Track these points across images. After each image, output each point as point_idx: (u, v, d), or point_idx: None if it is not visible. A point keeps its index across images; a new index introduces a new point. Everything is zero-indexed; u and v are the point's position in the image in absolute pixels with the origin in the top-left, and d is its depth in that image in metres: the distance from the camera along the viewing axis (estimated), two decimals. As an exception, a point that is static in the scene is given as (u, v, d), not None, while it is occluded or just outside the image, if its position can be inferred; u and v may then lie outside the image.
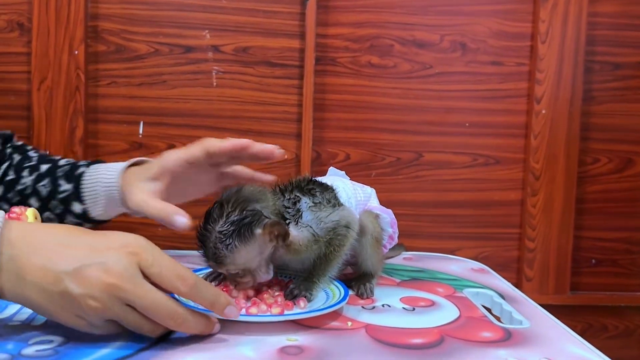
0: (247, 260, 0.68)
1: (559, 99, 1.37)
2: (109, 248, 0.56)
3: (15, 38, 1.28)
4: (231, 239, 0.66)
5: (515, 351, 0.61)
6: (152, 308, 0.56)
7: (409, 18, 1.36)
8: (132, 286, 0.55)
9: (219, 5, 1.32)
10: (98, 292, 0.54)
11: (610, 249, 1.44)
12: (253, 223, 0.66)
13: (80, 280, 0.54)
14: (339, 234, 0.73)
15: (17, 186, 0.93)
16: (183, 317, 0.57)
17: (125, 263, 0.55)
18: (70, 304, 0.54)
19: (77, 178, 0.91)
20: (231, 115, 1.33)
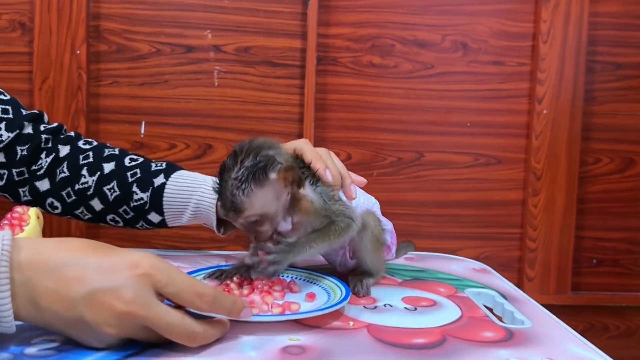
0: (264, 205, 0.68)
1: (560, 99, 1.37)
2: (119, 270, 0.54)
3: (17, 38, 1.29)
4: (247, 184, 0.66)
5: (517, 351, 0.61)
6: (168, 330, 0.56)
7: (410, 18, 1.36)
8: (146, 311, 0.54)
9: (220, 5, 1.32)
10: (113, 320, 0.54)
11: (611, 249, 1.44)
12: (267, 167, 0.67)
13: (93, 307, 0.53)
14: (343, 221, 0.73)
15: (76, 185, 0.89)
16: (200, 335, 0.57)
17: (138, 287, 0.54)
18: (87, 328, 0.54)
19: (157, 190, 0.87)
20: (233, 115, 1.33)
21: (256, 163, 0.67)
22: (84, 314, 0.53)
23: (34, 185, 0.89)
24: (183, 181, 0.88)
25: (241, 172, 0.67)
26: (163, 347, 0.57)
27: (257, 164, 0.67)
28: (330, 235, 0.73)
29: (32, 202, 0.90)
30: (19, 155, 0.88)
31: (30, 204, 0.90)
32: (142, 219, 0.89)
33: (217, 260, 0.88)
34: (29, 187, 0.89)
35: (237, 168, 0.67)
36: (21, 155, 0.88)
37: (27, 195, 0.90)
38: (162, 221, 0.89)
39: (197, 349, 0.58)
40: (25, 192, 0.90)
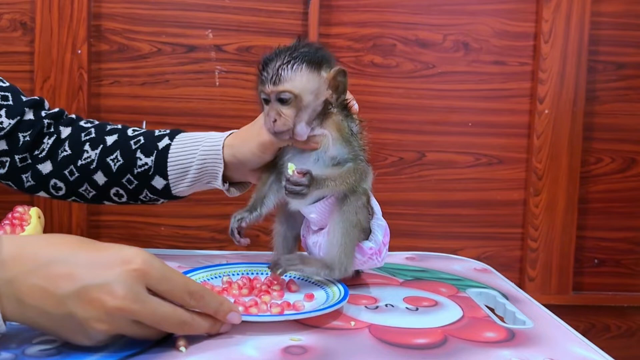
0: (304, 89, 0.68)
1: (561, 99, 1.36)
2: (110, 265, 0.53)
3: (18, 37, 1.29)
4: (300, 62, 0.68)
5: (518, 351, 0.61)
6: (161, 322, 0.55)
7: (411, 18, 1.36)
8: (138, 307, 0.53)
9: (221, 4, 1.32)
10: (104, 316, 0.52)
11: (613, 249, 1.44)
12: (324, 56, 0.69)
13: (84, 303, 0.52)
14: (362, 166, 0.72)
15: (79, 161, 0.87)
16: (190, 323, 0.58)
17: (129, 282, 0.53)
18: (76, 325, 0.53)
19: (161, 152, 0.85)
20: (234, 115, 1.33)
21: (316, 52, 0.69)
22: (73, 311, 0.52)
23: (36, 168, 0.88)
24: (187, 139, 0.86)
25: (300, 51, 0.69)
26: (163, 347, 0.57)
27: (316, 52, 0.69)
28: (349, 176, 0.71)
29: (36, 186, 0.88)
30: (22, 142, 0.87)
31: (34, 189, 0.88)
32: (145, 187, 0.86)
33: (218, 260, 0.88)
34: (32, 172, 0.88)
35: (298, 49, 0.69)
36: (24, 141, 0.87)
37: (30, 180, 0.88)
38: (165, 186, 0.86)
39: (199, 348, 0.58)
40: (28, 177, 0.88)
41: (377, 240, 0.75)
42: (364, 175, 0.73)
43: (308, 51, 0.69)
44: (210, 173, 0.84)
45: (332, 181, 0.70)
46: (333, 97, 0.70)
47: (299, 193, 0.68)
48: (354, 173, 0.71)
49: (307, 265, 0.72)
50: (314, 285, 0.75)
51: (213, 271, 0.78)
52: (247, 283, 0.74)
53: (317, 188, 0.69)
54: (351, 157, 0.72)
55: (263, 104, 0.73)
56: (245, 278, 0.76)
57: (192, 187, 0.86)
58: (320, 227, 0.77)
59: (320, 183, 0.69)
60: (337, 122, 0.72)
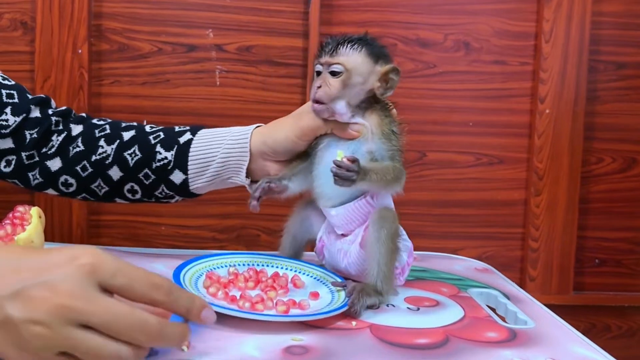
0: (356, 69, 0.72)
1: (562, 99, 1.36)
2: (57, 265, 0.46)
3: (19, 37, 1.28)
4: (360, 46, 0.72)
5: (520, 351, 0.61)
6: (115, 323, 0.46)
7: (412, 17, 1.36)
8: (84, 302, 0.45)
9: (222, 4, 1.32)
10: (43, 315, 0.44)
11: (614, 249, 1.44)
12: (384, 53, 0.74)
13: (21, 303, 0.44)
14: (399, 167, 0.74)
15: (93, 157, 0.85)
16: (157, 328, 0.47)
17: (75, 278, 0.45)
18: (12, 334, 0.45)
19: (182, 147, 0.84)
20: (234, 114, 1.33)
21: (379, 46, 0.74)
22: (9, 313, 0.45)
23: (44, 165, 0.86)
24: (211, 133, 0.85)
25: (363, 39, 0.73)
26: (167, 348, 0.57)
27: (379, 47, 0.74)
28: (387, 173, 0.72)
29: (44, 184, 0.87)
30: (28, 139, 0.86)
31: (42, 186, 0.87)
32: (163, 182, 0.85)
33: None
34: (39, 169, 0.86)
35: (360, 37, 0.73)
36: (31, 138, 0.86)
37: (37, 177, 0.87)
38: (184, 182, 0.84)
39: (200, 348, 0.57)
40: (35, 174, 0.87)
41: (402, 260, 0.77)
42: (400, 175, 0.74)
43: (372, 43, 0.74)
44: (233, 167, 0.83)
45: (375, 174, 0.71)
46: (379, 91, 0.74)
47: (348, 179, 0.69)
48: (392, 171, 0.73)
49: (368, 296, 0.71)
50: (320, 283, 0.75)
51: (218, 260, 0.77)
52: (254, 276, 0.74)
53: (363, 177, 0.70)
54: (389, 154, 0.74)
55: (315, 77, 0.75)
56: (252, 270, 0.76)
57: (212, 184, 0.85)
58: (344, 232, 0.77)
59: (366, 173, 0.70)
60: (379, 116, 0.75)
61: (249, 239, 1.36)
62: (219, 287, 0.69)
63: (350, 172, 0.68)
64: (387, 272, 0.72)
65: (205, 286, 0.69)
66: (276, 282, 0.73)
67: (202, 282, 0.70)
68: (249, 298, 0.67)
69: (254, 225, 1.36)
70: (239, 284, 0.72)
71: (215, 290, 0.68)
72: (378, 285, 0.71)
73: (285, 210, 1.38)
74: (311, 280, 0.76)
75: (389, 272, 0.72)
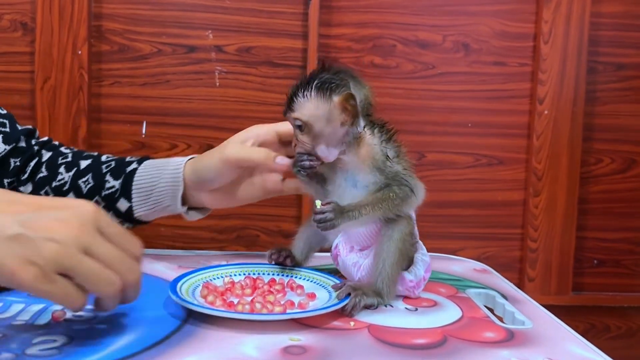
0: (313, 117, 0.69)
1: (561, 100, 1.37)
2: (70, 206, 0.55)
3: (19, 37, 1.29)
4: (310, 89, 0.69)
5: (518, 352, 0.61)
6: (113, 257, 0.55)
7: (411, 18, 1.36)
8: (92, 236, 0.54)
9: (222, 5, 1.32)
10: (60, 236, 0.51)
11: (613, 250, 1.44)
12: (335, 86, 0.69)
13: (37, 226, 0.52)
14: (400, 188, 0.71)
15: (53, 183, 0.91)
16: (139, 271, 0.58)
17: (85, 217, 0.54)
18: (24, 246, 0.51)
19: (128, 175, 0.89)
20: (234, 115, 1.34)
21: (330, 78, 0.69)
22: (23, 231, 0.51)
23: (19, 190, 0.91)
24: (153, 163, 0.90)
25: (314, 80, 0.69)
26: (162, 347, 0.57)
27: (330, 79, 0.69)
28: (384, 201, 0.70)
29: None
30: (12, 167, 0.91)
31: None
32: (111, 209, 0.90)
33: (217, 260, 0.88)
34: None
35: (313, 77, 0.70)
36: (14, 166, 0.91)
37: None
38: (128, 209, 0.89)
39: (198, 348, 0.58)
40: None
41: (419, 274, 0.75)
42: (406, 196, 0.72)
43: (323, 77, 0.69)
44: (170, 196, 0.88)
45: (365, 207, 0.70)
46: (348, 122, 0.70)
47: (326, 222, 0.68)
48: (391, 197, 0.71)
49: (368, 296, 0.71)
50: (317, 285, 0.75)
51: (215, 272, 0.78)
52: (250, 283, 0.74)
53: (345, 216, 0.69)
54: (386, 182, 0.71)
55: None
56: (248, 278, 0.76)
57: (154, 211, 0.90)
58: (361, 248, 0.76)
59: (350, 211, 0.69)
60: (367, 147, 0.72)
61: (248, 239, 1.36)
62: (217, 295, 0.69)
63: (325, 216, 0.68)
64: (390, 274, 0.71)
65: (202, 295, 0.69)
66: (273, 287, 0.74)
67: (199, 292, 0.70)
68: (248, 303, 0.67)
69: (253, 226, 1.36)
70: (236, 292, 0.72)
71: (213, 298, 0.68)
72: (378, 285, 0.71)
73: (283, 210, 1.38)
74: (307, 283, 0.76)
75: (392, 275, 0.71)
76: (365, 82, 0.73)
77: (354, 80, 0.71)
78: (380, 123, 0.74)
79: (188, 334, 0.61)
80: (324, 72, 0.70)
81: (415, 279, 0.75)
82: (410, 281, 0.74)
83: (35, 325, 0.62)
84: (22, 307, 0.67)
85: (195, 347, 0.58)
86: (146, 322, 0.64)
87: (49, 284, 0.52)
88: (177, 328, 0.62)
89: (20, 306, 0.67)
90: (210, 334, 0.61)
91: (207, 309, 0.63)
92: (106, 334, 0.60)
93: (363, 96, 0.72)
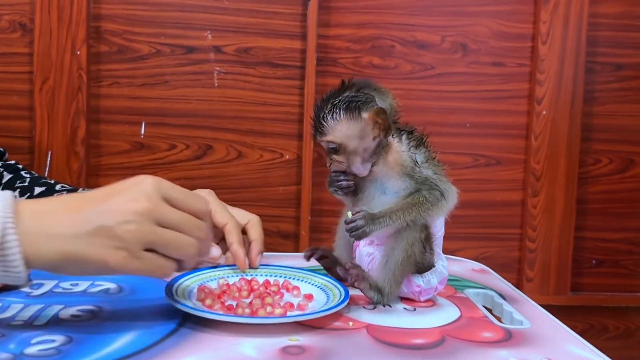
0: (346, 137, 0.70)
1: (560, 100, 1.37)
2: (131, 185, 0.58)
3: (18, 38, 1.29)
4: (338, 110, 0.69)
5: (516, 351, 0.61)
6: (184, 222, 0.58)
7: (410, 19, 1.36)
8: (161, 207, 0.57)
9: (220, 6, 1.32)
10: (133, 216, 0.55)
11: (611, 250, 1.45)
12: (362, 103, 0.69)
13: (110, 214, 0.55)
14: (430, 193, 0.71)
15: None
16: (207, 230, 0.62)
17: (148, 190, 0.57)
18: (106, 237, 0.55)
19: None
20: (233, 116, 1.34)
21: (355, 96, 0.70)
22: (101, 223, 0.55)
23: None
24: None
25: (339, 100, 0.70)
26: (162, 347, 0.57)
27: (355, 97, 0.69)
28: (414, 206, 0.70)
29: None
30: None
31: None
32: None
33: (217, 261, 0.88)
34: None
35: (339, 96, 0.70)
36: None
37: None
38: None
39: (197, 348, 0.58)
40: None
41: (431, 282, 0.74)
42: (436, 201, 0.72)
43: (348, 95, 0.70)
44: None
45: (396, 213, 0.70)
46: (380, 136, 0.70)
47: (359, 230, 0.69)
48: (419, 203, 0.71)
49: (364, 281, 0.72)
50: (312, 286, 0.75)
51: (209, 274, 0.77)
52: (245, 285, 0.74)
53: (377, 223, 0.69)
54: (416, 187, 0.72)
55: None
56: (243, 280, 0.76)
57: None
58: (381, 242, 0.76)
59: (380, 218, 0.70)
60: (396, 155, 0.72)
61: (247, 240, 1.36)
62: (214, 298, 0.69)
63: (356, 224, 0.69)
64: (396, 273, 0.71)
65: (199, 299, 0.69)
66: (269, 289, 0.73)
67: (195, 296, 0.70)
68: (248, 305, 0.67)
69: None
70: (233, 294, 0.72)
71: (211, 302, 0.68)
72: (380, 283, 0.71)
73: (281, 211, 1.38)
74: (303, 284, 0.76)
75: (397, 275, 0.72)
76: (386, 89, 0.73)
77: (377, 91, 0.72)
78: (409, 129, 0.74)
79: (186, 334, 0.61)
80: (346, 90, 0.70)
81: (425, 285, 0.74)
82: (417, 285, 0.74)
83: (34, 325, 0.62)
84: (21, 307, 0.67)
85: (193, 347, 0.58)
86: (145, 322, 0.64)
87: (137, 262, 0.56)
88: (176, 328, 0.63)
89: (19, 306, 0.67)
90: (209, 335, 0.61)
91: (208, 312, 0.63)
92: (105, 334, 0.60)
93: (389, 106, 0.72)
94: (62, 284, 0.74)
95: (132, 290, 0.74)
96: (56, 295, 0.71)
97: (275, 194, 1.35)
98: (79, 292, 0.72)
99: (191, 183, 1.32)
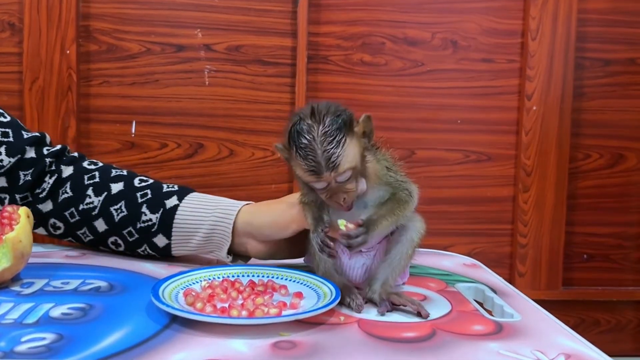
0: (355, 157, 0.67)
1: (549, 96, 1.37)
2: None
3: (7, 38, 1.28)
4: (339, 135, 0.65)
5: (506, 344, 0.61)
6: None
7: (400, 16, 1.36)
8: None
9: (210, 4, 1.32)
10: None
11: (602, 244, 1.45)
12: (351, 117, 0.67)
13: None
14: (404, 194, 0.72)
15: (81, 206, 0.84)
16: None
17: None
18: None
19: (168, 212, 0.82)
20: (224, 114, 1.34)
21: (338, 116, 0.66)
22: None
23: (36, 207, 0.86)
24: (198, 203, 0.83)
25: (328, 126, 0.65)
26: (152, 344, 0.57)
27: (339, 116, 0.66)
28: (395, 209, 0.71)
29: (35, 224, 0.84)
30: (23, 181, 0.85)
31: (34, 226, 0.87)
32: (146, 242, 0.84)
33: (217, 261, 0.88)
34: (32, 210, 0.82)
35: (323, 124, 0.65)
36: (25, 180, 0.85)
37: None
38: (167, 246, 0.83)
39: (188, 345, 0.58)
40: None
41: None
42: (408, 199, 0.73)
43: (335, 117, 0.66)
44: (216, 243, 0.82)
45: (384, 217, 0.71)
46: (367, 144, 0.70)
47: (361, 242, 0.68)
48: (399, 204, 0.72)
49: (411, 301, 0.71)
50: (299, 284, 0.75)
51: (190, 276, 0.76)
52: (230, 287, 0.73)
53: (374, 229, 0.69)
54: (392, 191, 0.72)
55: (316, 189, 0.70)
56: (226, 281, 0.75)
57: (194, 252, 0.84)
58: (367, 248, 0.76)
59: (375, 223, 0.69)
60: (372, 170, 0.71)
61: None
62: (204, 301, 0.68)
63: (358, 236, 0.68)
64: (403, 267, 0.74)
65: (189, 303, 0.68)
66: (256, 289, 0.73)
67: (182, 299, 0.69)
68: (242, 307, 0.66)
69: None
70: (220, 296, 0.71)
71: (202, 305, 0.67)
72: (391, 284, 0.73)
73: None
74: (289, 283, 0.76)
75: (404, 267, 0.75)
76: None
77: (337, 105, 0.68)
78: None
79: (177, 331, 0.61)
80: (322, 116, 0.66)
81: None
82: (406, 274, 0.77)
83: (24, 324, 0.62)
84: (11, 305, 0.67)
85: (184, 344, 0.58)
86: (135, 318, 0.64)
87: None
88: (166, 325, 0.62)
89: (9, 305, 0.67)
90: (200, 332, 0.61)
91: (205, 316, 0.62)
92: (95, 331, 0.60)
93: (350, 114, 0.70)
94: (52, 282, 0.74)
95: (123, 288, 0.74)
96: (47, 293, 0.70)
97: (267, 192, 1.35)
98: (69, 290, 0.72)
99: (182, 182, 1.31)
